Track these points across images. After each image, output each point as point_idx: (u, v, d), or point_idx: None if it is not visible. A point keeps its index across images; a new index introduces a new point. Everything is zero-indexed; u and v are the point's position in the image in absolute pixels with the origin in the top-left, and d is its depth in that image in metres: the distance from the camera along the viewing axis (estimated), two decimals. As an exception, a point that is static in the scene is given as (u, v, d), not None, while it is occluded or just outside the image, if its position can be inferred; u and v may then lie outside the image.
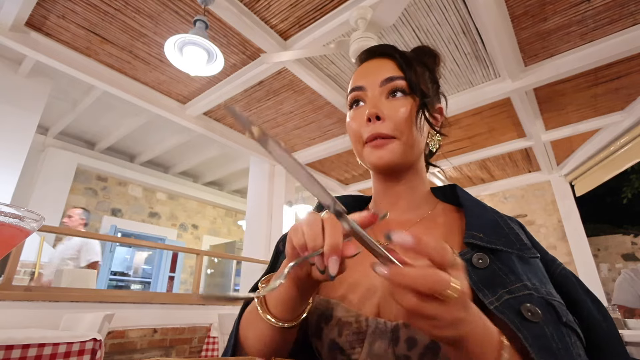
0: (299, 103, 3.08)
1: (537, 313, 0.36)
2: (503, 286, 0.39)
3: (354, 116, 0.53)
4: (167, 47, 1.83)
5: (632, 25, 2.18)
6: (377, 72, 0.52)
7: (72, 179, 4.62)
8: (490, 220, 0.48)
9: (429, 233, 0.49)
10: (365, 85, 0.52)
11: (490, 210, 0.51)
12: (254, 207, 4.14)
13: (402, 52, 0.53)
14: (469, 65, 2.58)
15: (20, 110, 3.01)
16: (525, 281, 0.39)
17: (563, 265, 0.47)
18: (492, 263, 0.41)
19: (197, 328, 2.71)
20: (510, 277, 0.40)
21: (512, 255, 0.42)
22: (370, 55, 0.56)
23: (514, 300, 0.37)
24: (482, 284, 0.39)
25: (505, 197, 4.96)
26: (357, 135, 0.52)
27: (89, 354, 1.55)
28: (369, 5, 1.92)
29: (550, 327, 0.36)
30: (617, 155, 3.54)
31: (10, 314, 1.87)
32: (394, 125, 0.48)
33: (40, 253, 3.41)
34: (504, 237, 0.44)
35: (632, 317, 1.92)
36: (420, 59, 0.56)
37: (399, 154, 0.49)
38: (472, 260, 0.42)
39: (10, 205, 0.35)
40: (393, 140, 0.49)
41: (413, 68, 0.51)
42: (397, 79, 0.50)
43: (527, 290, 0.38)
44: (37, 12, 2.10)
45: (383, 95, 0.51)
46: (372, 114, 0.48)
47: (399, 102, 0.50)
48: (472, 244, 0.44)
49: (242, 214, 6.90)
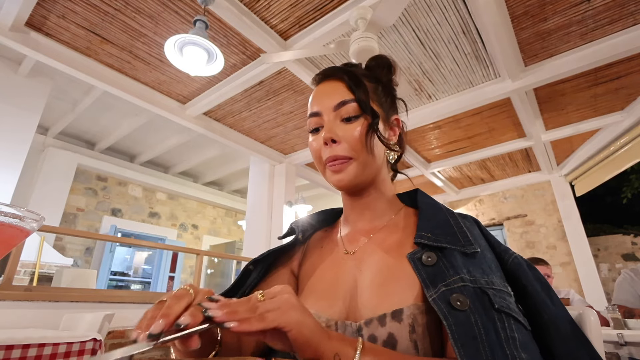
0: (299, 103, 3.08)
1: (465, 302, 0.39)
2: (442, 280, 0.43)
3: (314, 139, 0.57)
4: (167, 47, 1.83)
5: (632, 25, 2.18)
6: (330, 96, 0.55)
7: (72, 179, 4.62)
8: (441, 220, 0.52)
9: (389, 237, 0.55)
10: (321, 111, 0.55)
11: (445, 211, 0.55)
12: (254, 207, 4.14)
13: (350, 72, 0.56)
14: (469, 65, 2.58)
15: (20, 110, 3.01)
16: (462, 274, 0.43)
17: (516, 254, 0.50)
18: (439, 260, 0.45)
19: (197, 328, 2.71)
20: (449, 271, 0.43)
21: (454, 251, 0.46)
22: (322, 78, 0.59)
23: (448, 292, 0.41)
24: (429, 280, 0.44)
25: (505, 197, 4.96)
26: (317, 156, 0.56)
27: (89, 354, 1.55)
28: (369, 5, 1.92)
29: (477, 314, 0.38)
30: (617, 155, 3.54)
31: (10, 314, 1.87)
32: (349, 146, 0.52)
33: (40, 253, 3.41)
34: (450, 236, 0.48)
35: (632, 317, 1.92)
36: (372, 74, 0.60)
37: (357, 174, 0.53)
38: (421, 258, 0.46)
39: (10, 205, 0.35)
40: (350, 162, 0.53)
41: (362, 87, 0.54)
42: (348, 102, 0.53)
43: (462, 282, 0.42)
44: (37, 12, 2.10)
45: (338, 118, 0.54)
46: (328, 139, 0.52)
47: (352, 124, 0.53)
48: (422, 243, 0.48)
49: (242, 214, 6.91)
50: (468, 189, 5.26)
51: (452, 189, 5.18)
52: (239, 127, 3.53)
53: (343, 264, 0.55)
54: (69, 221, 4.80)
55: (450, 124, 3.40)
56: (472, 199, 5.26)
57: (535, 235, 4.56)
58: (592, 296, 3.83)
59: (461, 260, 0.45)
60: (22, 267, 3.28)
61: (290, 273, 0.62)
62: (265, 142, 3.84)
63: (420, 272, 0.45)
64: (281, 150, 4.03)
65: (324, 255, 0.60)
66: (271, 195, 4.07)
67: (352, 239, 0.59)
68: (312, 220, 0.67)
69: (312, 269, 0.59)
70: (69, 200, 4.60)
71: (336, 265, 0.56)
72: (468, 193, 5.25)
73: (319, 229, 0.68)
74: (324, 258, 0.59)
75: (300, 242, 0.64)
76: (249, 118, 3.35)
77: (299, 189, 4.48)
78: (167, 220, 6.02)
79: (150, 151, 5.09)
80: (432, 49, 2.41)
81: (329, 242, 0.62)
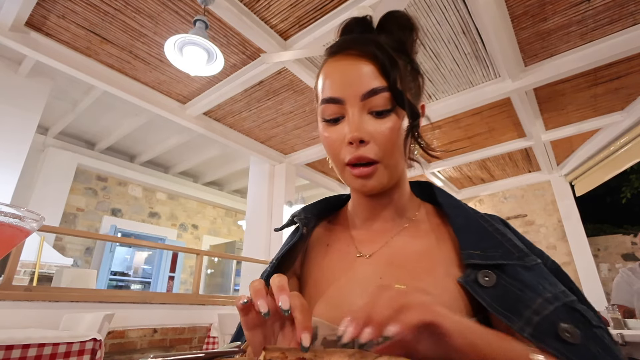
0: (299, 103, 3.08)
1: (574, 332, 0.33)
2: (525, 306, 0.36)
3: (332, 132, 0.46)
4: (167, 47, 1.83)
5: (632, 25, 2.18)
6: (358, 79, 0.43)
7: (72, 179, 4.62)
8: (477, 227, 0.45)
9: (412, 242, 0.48)
10: (344, 98, 0.44)
11: (472, 213, 0.47)
12: (254, 207, 4.14)
13: (383, 47, 0.44)
14: (469, 65, 2.58)
15: (20, 110, 3.01)
16: (542, 293, 0.36)
17: (551, 259, 0.45)
18: (500, 279, 0.38)
19: (197, 328, 2.71)
20: (526, 292, 0.37)
21: (516, 267, 0.39)
22: (344, 48, 0.46)
23: (545, 322, 0.34)
24: (500, 305, 0.36)
25: (505, 197, 4.96)
26: (336, 154, 0.46)
27: (89, 354, 1.55)
28: (369, 5, 1.92)
29: (590, 340, 0.34)
30: (617, 155, 3.54)
31: (10, 314, 1.87)
32: (379, 147, 0.43)
33: (40, 253, 3.41)
34: (499, 248, 0.41)
35: (632, 317, 1.92)
36: (399, 46, 0.47)
37: (384, 180, 0.45)
38: (477, 280, 0.39)
39: (10, 205, 0.35)
40: (376, 167, 0.44)
41: (397, 71, 0.44)
42: (380, 91, 0.43)
43: (550, 305, 0.35)
44: (37, 12, 2.10)
45: (365, 110, 0.44)
46: (356, 139, 0.42)
47: (384, 120, 0.43)
48: (473, 264, 0.41)
49: (242, 214, 6.90)
50: (468, 189, 5.26)
51: (452, 189, 5.18)
52: (239, 127, 3.53)
53: (358, 269, 0.48)
54: (69, 221, 4.80)
55: (450, 124, 3.40)
56: (472, 199, 5.26)
57: (535, 235, 4.56)
58: (592, 296, 3.83)
59: (527, 275, 0.38)
60: (22, 267, 3.28)
61: (294, 276, 0.54)
62: (265, 142, 3.84)
63: (482, 297, 0.38)
64: (281, 150, 4.03)
65: (332, 256, 0.52)
66: (271, 195, 4.07)
67: (366, 240, 0.51)
68: (314, 210, 0.58)
69: (318, 270, 0.52)
70: (69, 200, 4.60)
71: (349, 269, 0.49)
72: (468, 193, 5.25)
73: (322, 220, 0.60)
74: (332, 259, 0.52)
75: (303, 238, 0.55)
76: (249, 118, 3.35)
77: (299, 189, 4.48)
78: (167, 220, 6.02)
79: (150, 151, 5.09)
80: (432, 49, 2.41)
81: (336, 240, 0.54)
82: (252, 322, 0.36)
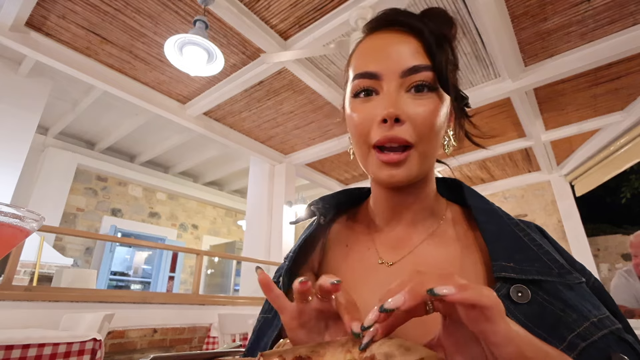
0: (299, 103, 3.08)
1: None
2: (568, 328, 0.32)
3: (362, 110, 0.41)
4: (167, 47, 1.83)
5: (632, 25, 2.18)
6: (397, 56, 0.40)
7: (72, 179, 4.62)
8: (510, 236, 0.40)
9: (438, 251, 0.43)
10: (381, 73, 0.40)
11: (504, 218, 0.43)
12: (254, 207, 4.14)
13: (430, 25, 0.41)
14: (469, 65, 2.58)
15: (20, 110, 3.01)
16: (588, 316, 0.32)
17: (594, 276, 0.40)
18: (535, 295, 0.34)
19: (197, 328, 2.71)
20: (569, 314, 0.33)
21: (555, 284, 0.35)
22: (386, 24, 0.42)
23: (593, 349, 0.30)
24: (536, 325, 0.32)
25: (505, 197, 4.96)
26: (363, 134, 0.41)
27: (89, 354, 1.55)
28: (369, 5, 1.92)
29: None
30: (617, 156, 3.54)
31: (10, 314, 1.87)
32: (414, 129, 0.39)
33: (40, 253, 3.41)
34: (536, 262, 0.37)
35: (632, 317, 1.92)
36: (443, 35, 0.43)
37: (415, 170, 0.40)
38: (510, 295, 0.35)
39: (10, 205, 0.35)
40: (409, 153, 0.39)
41: (443, 51, 0.40)
42: (422, 70, 0.39)
43: (598, 331, 0.32)
44: (37, 12, 2.10)
45: (403, 88, 0.39)
46: (392, 115, 0.37)
47: (423, 101, 0.39)
48: (504, 277, 0.36)
49: (242, 214, 6.90)
50: (468, 189, 5.25)
51: (452, 189, 5.18)
52: (239, 127, 3.53)
53: (380, 279, 0.43)
54: (69, 221, 4.80)
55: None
56: (472, 199, 5.26)
57: (535, 235, 4.56)
58: (592, 296, 3.83)
59: (568, 294, 0.34)
60: (22, 267, 3.28)
61: (310, 272, 0.49)
62: (265, 142, 3.84)
63: (514, 314, 0.33)
64: (281, 150, 4.03)
65: (351, 259, 0.48)
66: (271, 195, 4.07)
67: (388, 245, 0.46)
68: (332, 201, 0.52)
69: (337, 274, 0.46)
70: (69, 200, 4.60)
71: (370, 277, 0.44)
72: (468, 193, 5.25)
73: (341, 214, 0.55)
74: (352, 263, 0.47)
75: (321, 229, 0.50)
76: (249, 118, 3.35)
77: (299, 189, 4.48)
78: (167, 220, 6.02)
79: (150, 151, 5.09)
80: (432, 49, 2.41)
81: (356, 241, 0.49)
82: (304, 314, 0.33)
